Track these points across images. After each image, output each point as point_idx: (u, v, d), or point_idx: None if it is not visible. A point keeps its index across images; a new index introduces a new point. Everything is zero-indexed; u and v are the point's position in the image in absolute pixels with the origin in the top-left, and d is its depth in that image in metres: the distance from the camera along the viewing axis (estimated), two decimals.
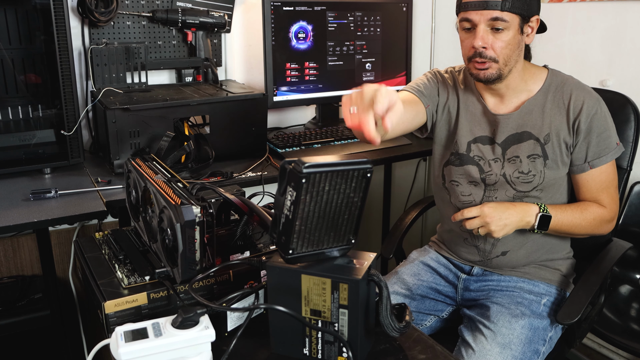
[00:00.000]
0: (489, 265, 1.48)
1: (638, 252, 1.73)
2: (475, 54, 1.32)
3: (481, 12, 1.28)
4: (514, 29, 1.30)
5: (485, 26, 1.29)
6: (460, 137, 1.47)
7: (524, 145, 1.39)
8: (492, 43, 1.30)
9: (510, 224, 1.32)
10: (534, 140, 1.38)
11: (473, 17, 1.30)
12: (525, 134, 1.39)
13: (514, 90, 1.41)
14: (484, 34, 1.29)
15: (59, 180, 1.58)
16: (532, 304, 1.39)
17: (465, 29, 1.34)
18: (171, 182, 1.03)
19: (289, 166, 0.83)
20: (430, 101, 1.50)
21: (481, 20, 1.29)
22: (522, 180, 1.39)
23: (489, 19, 1.28)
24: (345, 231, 0.89)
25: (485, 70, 1.33)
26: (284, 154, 1.85)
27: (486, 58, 1.31)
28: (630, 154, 1.51)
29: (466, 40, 1.34)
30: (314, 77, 2.14)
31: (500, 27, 1.28)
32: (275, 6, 1.99)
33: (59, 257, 1.99)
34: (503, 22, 1.28)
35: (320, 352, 0.91)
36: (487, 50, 1.31)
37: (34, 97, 1.68)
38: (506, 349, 1.28)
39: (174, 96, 1.73)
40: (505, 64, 1.33)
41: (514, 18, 1.29)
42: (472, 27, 1.31)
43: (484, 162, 1.43)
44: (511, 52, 1.32)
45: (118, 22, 1.90)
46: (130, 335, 0.80)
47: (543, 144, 1.37)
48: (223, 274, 1.01)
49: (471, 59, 1.34)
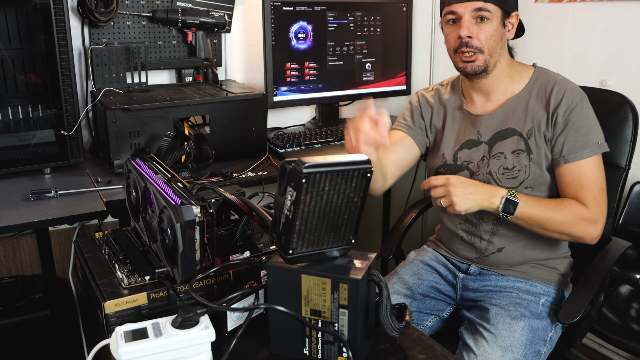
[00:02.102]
0: (485, 262, 1.48)
1: (638, 252, 1.73)
2: (461, 44, 1.36)
3: (465, 4, 1.33)
4: (496, 20, 1.35)
5: (470, 17, 1.34)
6: (446, 149, 1.51)
7: (508, 141, 1.41)
8: (477, 33, 1.35)
9: (474, 200, 1.28)
10: (518, 135, 1.40)
11: (457, 9, 1.35)
12: (510, 130, 1.41)
13: (499, 87, 1.43)
14: (469, 24, 1.34)
15: (59, 180, 1.58)
16: (531, 304, 1.39)
17: (449, 23, 1.38)
18: (171, 182, 1.03)
19: (289, 166, 0.83)
20: (418, 131, 1.57)
21: (465, 11, 1.34)
22: (507, 177, 1.39)
23: (473, 9, 1.33)
24: (345, 231, 0.89)
25: (472, 63, 1.37)
26: (284, 154, 1.85)
27: (472, 47, 1.35)
28: (628, 153, 1.51)
29: (451, 33, 1.39)
30: (314, 77, 2.14)
31: (485, 17, 1.33)
32: (275, 6, 1.99)
33: (59, 257, 1.99)
34: (487, 12, 1.33)
35: (320, 352, 0.91)
36: (473, 40, 1.35)
37: (34, 97, 1.68)
38: (508, 351, 1.28)
39: (174, 96, 1.73)
40: (490, 55, 1.36)
41: (497, 10, 1.34)
42: (457, 19, 1.36)
43: (473, 165, 1.46)
44: (495, 43, 1.36)
45: (118, 22, 1.90)
46: (130, 335, 0.80)
47: (526, 139, 1.39)
48: (223, 274, 1.01)
49: (457, 51, 1.38)
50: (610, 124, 1.51)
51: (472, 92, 1.48)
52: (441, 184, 1.29)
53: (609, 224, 1.55)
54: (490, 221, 1.44)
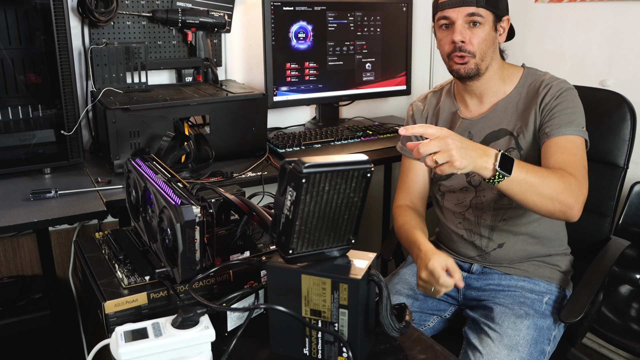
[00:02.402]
0: (487, 260, 1.49)
1: (638, 251, 1.73)
2: (455, 48, 1.38)
3: (458, 9, 1.35)
4: (489, 25, 1.37)
5: (463, 22, 1.36)
6: None
7: (500, 141, 1.43)
8: (470, 38, 1.37)
9: (470, 156, 1.11)
10: (509, 135, 1.42)
11: (451, 14, 1.37)
12: (502, 131, 1.44)
13: (491, 89, 1.46)
14: (462, 29, 1.37)
15: (59, 180, 1.58)
16: (535, 303, 1.39)
17: (443, 27, 1.41)
18: (171, 182, 1.03)
19: (289, 166, 0.83)
20: None
21: (459, 16, 1.36)
22: None
23: (466, 14, 1.35)
24: (345, 231, 0.89)
25: (465, 65, 1.39)
26: (284, 154, 1.85)
27: (465, 52, 1.37)
28: (626, 152, 1.53)
29: (444, 37, 1.41)
30: (314, 77, 2.15)
31: (478, 22, 1.35)
32: (275, 6, 1.99)
33: (59, 257, 1.99)
34: (479, 17, 1.35)
35: (320, 352, 0.91)
36: (466, 44, 1.37)
37: (34, 97, 1.68)
38: (514, 350, 1.28)
39: (174, 96, 1.73)
40: (482, 59, 1.39)
41: (489, 14, 1.37)
42: (450, 23, 1.38)
43: None
44: (487, 47, 1.38)
45: (118, 22, 1.90)
46: (130, 335, 0.80)
47: (516, 137, 1.41)
48: (223, 274, 1.01)
49: (450, 55, 1.40)
50: (608, 124, 1.53)
51: (465, 96, 1.51)
52: (436, 136, 1.09)
53: (608, 223, 1.56)
54: (489, 217, 1.45)
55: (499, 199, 1.43)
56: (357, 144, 1.96)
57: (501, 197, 1.42)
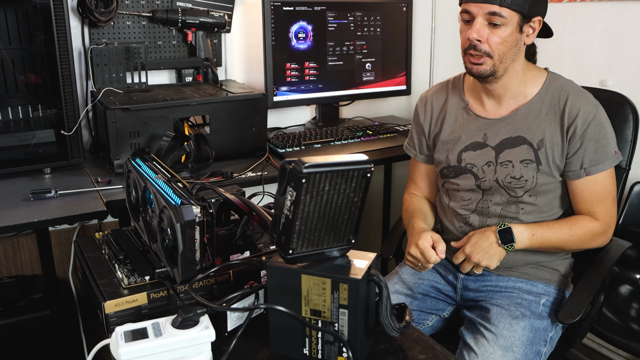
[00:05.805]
0: None
1: (638, 252, 1.73)
2: (470, 45, 1.32)
3: (480, 5, 1.28)
4: (512, 26, 1.28)
5: (483, 19, 1.29)
6: (450, 150, 1.48)
7: (517, 150, 1.38)
8: (487, 37, 1.29)
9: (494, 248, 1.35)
10: (528, 145, 1.37)
11: (472, 9, 1.30)
12: (520, 139, 1.38)
13: (511, 93, 1.39)
14: (481, 27, 1.29)
15: (59, 180, 1.58)
16: (532, 304, 1.39)
17: (464, 21, 1.34)
18: (171, 182, 1.03)
19: (289, 166, 0.83)
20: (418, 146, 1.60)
21: (479, 13, 1.28)
22: (514, 185, 1.38)
23: (487, 12, 1.27)
24: (345, 231, 0.89)
25: (479, 66, 1.33)
26: (284, 154, 1.85)
27: (480, 52, 1.31)
28: (628, 153, 1.51)
29: (464, 32, 1.34)
30: (314, 77, 2.15)
31: (498, 23, 1.28)
32: (275, 6, 1.99)
33: (59, 257, 1.99)
34: (501, 18, 1.27)
35: (320, 352, 0.91)
36: (482, 44, 1.30)
37: (34, 97, 1.68)
38: (508, 351, 1.28)
39: (174, 96, 1.73)
40: (500, 61, 1.32)
41: (513, 15, 1.28)
42: (470, 19, 1.32)
43: (477, 169, 1.43)
44: (507, 49, 1.30)
45: (118, 22, 1.90)
46: (130, 335, 0.80)
47: (536, 149, 1.36)
48: (223, 274, 1.01)
49: (466, 51, 1.34)
50: None
51: (482, 95, 1.44)
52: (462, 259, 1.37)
53: None
54: (494, 224, 1.42)
55: (507, 206, 1.41)
56: (357, 144, 1.96)
57: (509, 204, 1.41)
